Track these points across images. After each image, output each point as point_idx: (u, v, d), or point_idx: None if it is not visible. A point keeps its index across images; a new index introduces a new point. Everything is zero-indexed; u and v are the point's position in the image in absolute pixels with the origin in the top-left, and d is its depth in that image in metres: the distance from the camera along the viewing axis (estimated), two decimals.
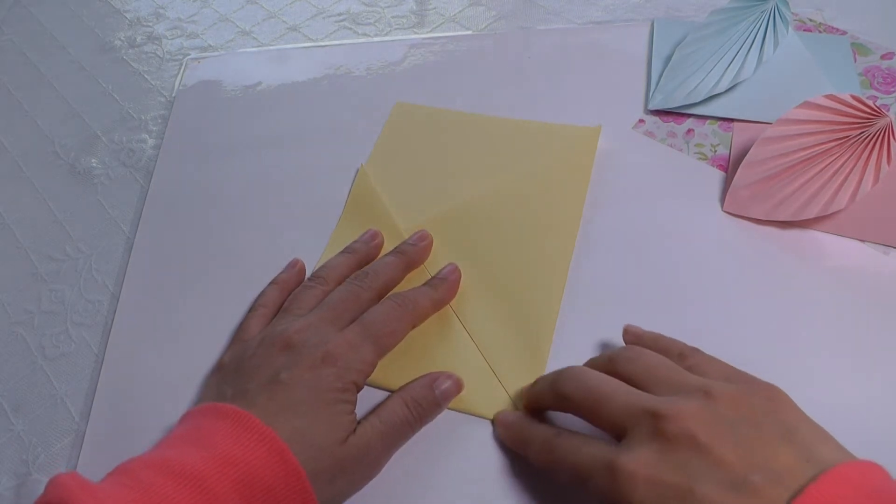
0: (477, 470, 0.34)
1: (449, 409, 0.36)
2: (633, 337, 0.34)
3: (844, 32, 0.51)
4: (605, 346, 0.37)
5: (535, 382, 0.35)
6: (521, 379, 0.36)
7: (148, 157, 0.52)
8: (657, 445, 0.26)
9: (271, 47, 0.59)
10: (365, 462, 0.32)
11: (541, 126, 0.48)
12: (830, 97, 0.39)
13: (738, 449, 0.25)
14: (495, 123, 0.49)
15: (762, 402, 0.27)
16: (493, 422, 0.35)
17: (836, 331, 0.37)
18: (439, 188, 0.45)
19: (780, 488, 0.23)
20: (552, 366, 0.37)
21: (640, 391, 0.29)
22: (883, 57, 0.49)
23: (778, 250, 0.40)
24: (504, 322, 0.38)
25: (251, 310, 0.40)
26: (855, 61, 0.49)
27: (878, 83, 0.47)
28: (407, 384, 0.36)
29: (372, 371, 0.34)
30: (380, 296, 0.38)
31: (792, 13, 0.49)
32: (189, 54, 0.59)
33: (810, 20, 0.53)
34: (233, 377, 0.35)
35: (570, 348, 0.37)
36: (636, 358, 0.31)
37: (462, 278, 0.40)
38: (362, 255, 0.41)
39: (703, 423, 0.26)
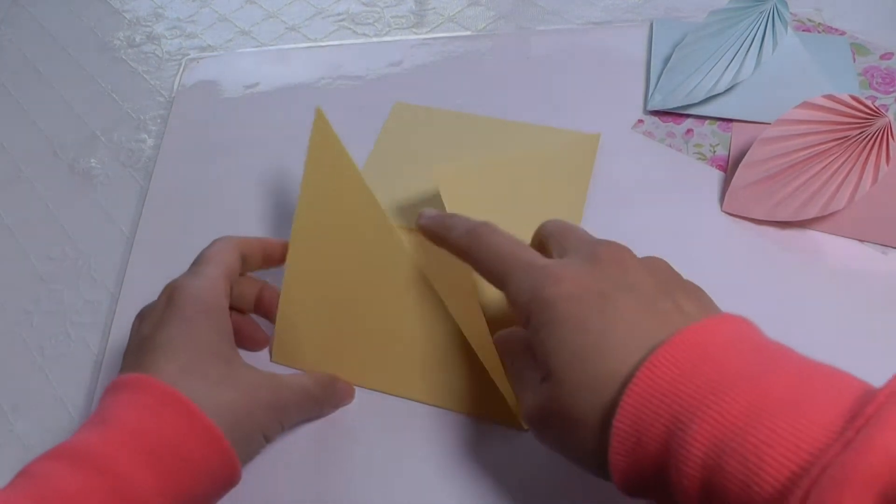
0: (472, 470, 0.34)
1: (447, 409, 0.36)
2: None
3: (843, 33, 0.51)
4: None
5: (448, 225, 0.34)
6: None
7: (147, 157, 0.52)
8: (589, 262, 0.28)
9: (270, 47, 0.59)
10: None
11: (541, 129, 0.48)
12: (829, 97, 0.39)
13: (657, 282, 0.27)
14: (495, 125, 0.49)
15: (691, 283, 0.29)
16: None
17: (835, 330, 0.37)
18: (438, 189, 0.45)
19: (683, 318, 0.25)
20: None
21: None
22: (882, 57, 0.49)
23: (777, 250, 0.40)
24: (503, 324, 0.38)
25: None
26: (854, 61, 0.49)
27: (877, 83, 0.47)
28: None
29: None
30: None
31: (791, 13, 0.49)
32: (188, 54, 0.59)
33: (809, 20, 0.53)
34: None
35: None
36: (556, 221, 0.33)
37: (461, 278, 0.40)
38: None
39: (632, 258, 0.29)
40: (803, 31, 0.52)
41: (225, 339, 0.33)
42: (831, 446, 0.18)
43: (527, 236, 0.41)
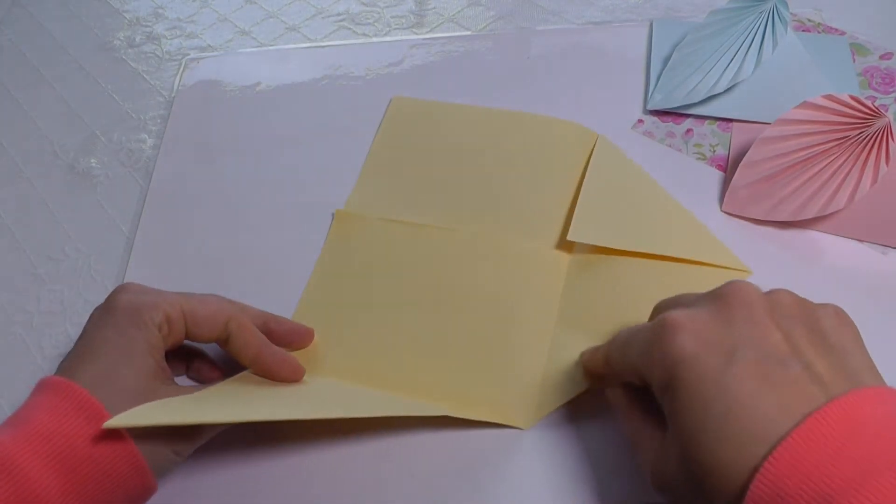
0: (472, 470, 0.34)
1: (448, 411, 0.36)
2: None
3: (843, 33, 0.51)
4: None
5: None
6: (520, 380, 0.36)
7: (147, 156, 0.52)
8: (713, 307, 0.27)
9: (270, 47, 0.59)
10: None
11: (541, 119, 0.48)
12: (829, 97, 0.39)
13: (787, 337, 0.25)
14: (495, 115, 0.49)
15: (825, 315, 0.27)
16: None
17: None
18: (439, 181, 0.45)
19: (817, 387, 0.24)
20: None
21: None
22: (881, 57, 0.49)
23: (777, 250, 0.40)
24: (501, 322, 0.38)
25: None
26: (854, 61, 0.49)
27: (876, 83, 0.47)
28: None
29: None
30: None
31: (791, 13, 0.49)
32: (188, 54, 0.59)
33: (809, 20, 0.53)
34: None
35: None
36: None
37: (461, 276, 0.40)
38: None
39: (761, 303, 0.26)
40: (803, 31, 0.52)
41: (150, 353, 0.32)
42: None
43: (525, 229, 0.42)
